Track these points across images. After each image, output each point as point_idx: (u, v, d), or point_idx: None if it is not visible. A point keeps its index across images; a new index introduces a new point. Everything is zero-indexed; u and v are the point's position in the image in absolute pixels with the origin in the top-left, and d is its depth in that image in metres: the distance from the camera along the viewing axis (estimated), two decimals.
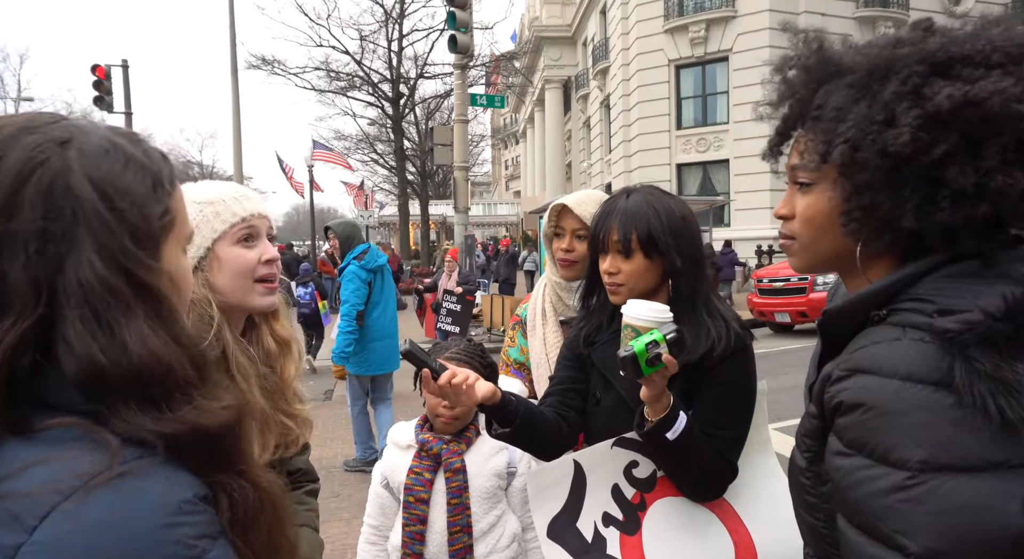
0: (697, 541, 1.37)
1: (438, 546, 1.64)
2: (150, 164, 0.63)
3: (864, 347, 0.78)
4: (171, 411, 0.56)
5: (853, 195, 0.81)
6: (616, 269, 1.39)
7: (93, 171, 0.58)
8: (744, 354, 1.36)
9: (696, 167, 20.16)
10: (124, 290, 0.56)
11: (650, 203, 1.39)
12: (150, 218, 0.61)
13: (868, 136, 0.78)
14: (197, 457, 0.57)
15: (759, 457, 1.45)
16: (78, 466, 0.51)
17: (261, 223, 1.24)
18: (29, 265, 0.53)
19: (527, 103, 35.56)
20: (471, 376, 1.25)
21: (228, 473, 0.59)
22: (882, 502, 0.71)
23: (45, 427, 0.53)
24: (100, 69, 14.59)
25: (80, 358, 0.53)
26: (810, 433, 0.84)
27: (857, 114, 0.79)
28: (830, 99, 0.83)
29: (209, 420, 0.58)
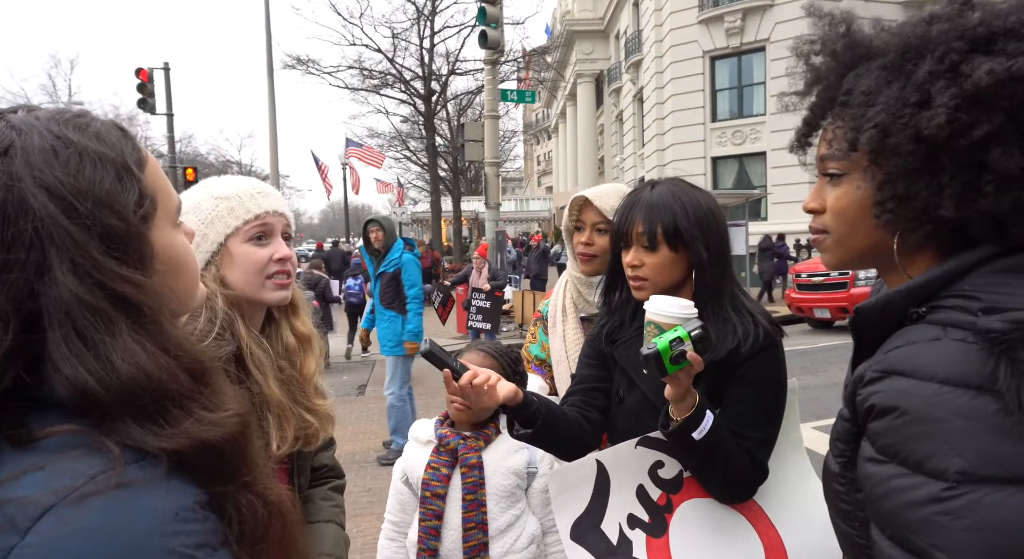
0: (726, 544, 1.32)
1: (453, 542, 1.63)
2: (107, 151, 0.57)
3: (900, 347, 0.73)
4: (170, 426, 0.54)
5: (886, 184, 0.76)
6: (640, 262, 1.35)
7: (46, 178, 0.52)
8: (773, 351, 1.31)
9: (732, 160, 19.76)
10: (103, 306, 0.53)
11: (676, 195, 1.35)
12: (123, 214, 0.56)
13: (900, 120, 0.72)
14: (202, 470, 0.55)
15: (791, 457, 1.39)
16: (75, 469, 0.49)
17: (276, 221, 1.23)
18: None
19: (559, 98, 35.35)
20: (492, 377, 1.23)
21: (234, 484, 0.57)
22: (917, 514, 0.66)
23: (46, 435, 0.51)
24: (143, 72, 15.04)
25: (69, 380, 0.51)
26: (843, 437, 0.79)
27: (888, 97, 0.74)
28: (859, 83, 0.78)
29: (212, 434, 0.55)
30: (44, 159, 0.53)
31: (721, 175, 19.79)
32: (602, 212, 1.71)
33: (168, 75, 16.39)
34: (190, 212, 1.19)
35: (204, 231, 1.18)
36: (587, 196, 1.75)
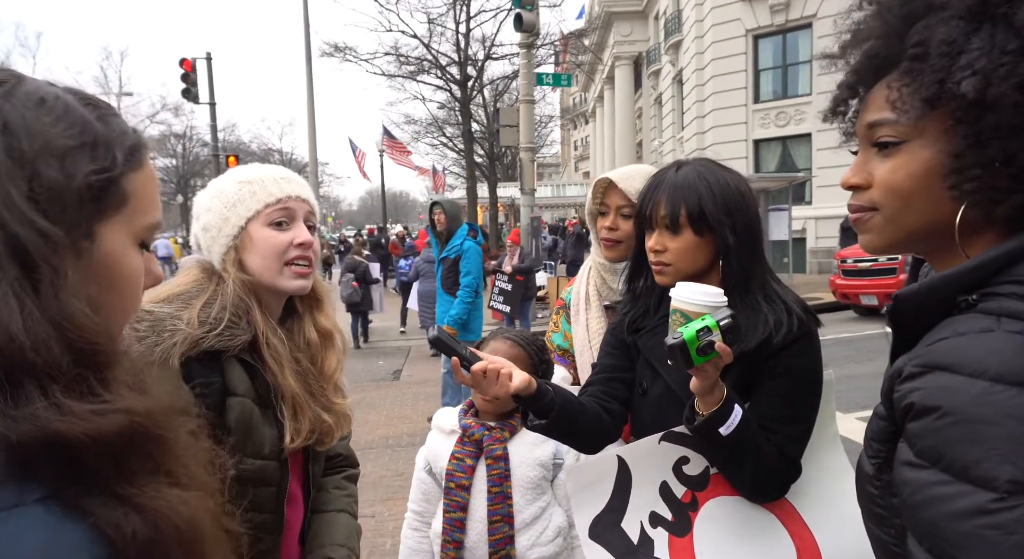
0: (755, 545, 1.25)
1: (478, 535, 1.60)
2: (99, 128, 0.55)
3: (945, 339, 0.65)
4: (17, 407, 0.45)
5: (973, 146, 0.66)
6: (662, 247, 1.28)
7: (11, 115, 0.50)
8: (808, 341, 1.22)
9: (775, 142, 19.15)
10: None
11: (702, 175, 1.26)
12: (67, 171, 0.52)
13: (1002, 67, 0.62)
14: (54, 471, 0.46)
15: (826, 454, 1.31)
16: None
17: (298, 206, 1.21)
18: None
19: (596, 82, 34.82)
20: (504, 366, 1.18)
21: (101, 500, 0.47)
22: (961, 527, 0.58)
23: None
24: (187, 62, 15.39)
25: None
26: (878, 436, 0.72)
27: (981, 43, 0.64)
28: (933, 34, 0.68)
29: (69, 427, 0.46)
30: (22, 102, 0.52)
31: (763, 158, 19.22)
32: (627, 195, 1.64)
33: (210, 65, 16.71)
34: (214, 197, 1.19)
35: (226, 215, 1.17)
36: (611, 178, 1.67)
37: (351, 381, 1.56)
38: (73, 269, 0.50)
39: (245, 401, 1.12)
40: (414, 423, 5.87)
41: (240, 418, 1.11)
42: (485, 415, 1.69)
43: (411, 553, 1.73)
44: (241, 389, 1.13)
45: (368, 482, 4.44)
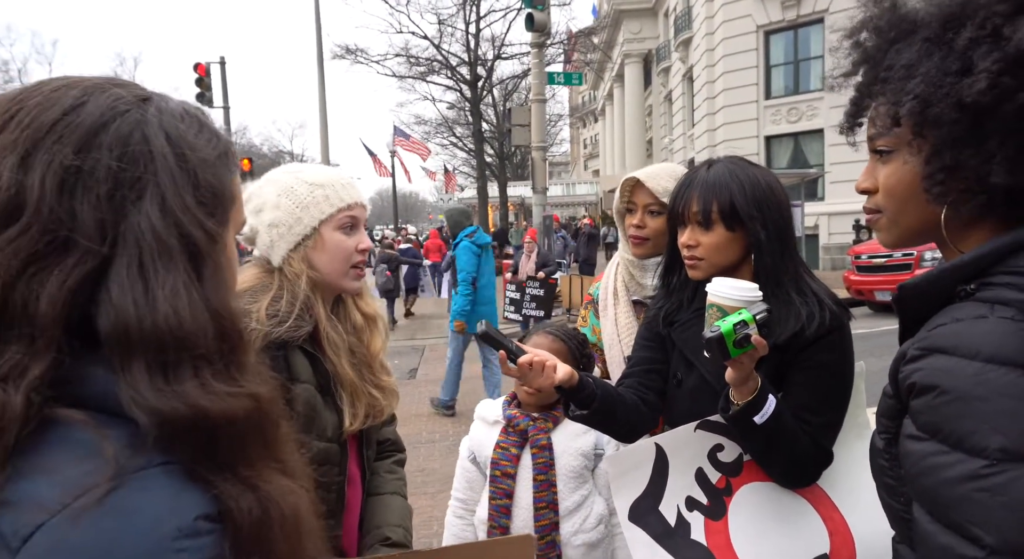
0: (788, 528, 1.31)
1: (524, 521, 1.66)
2: (221, 137, 0.64)
3: (944, 325, 0.72)
4: (173, 383, 0.51)
5: (932, 156, 0.75)
6: (695, 242, 1.33)
7: (170, 128, 0.57)
8: (840, 334, 1.27)
9: (787, 139, 19.06)
10: (172, 244, 0.54)
11: (733, 173, 1.32)
12: (220, 177, 0.60)
13: (941, 89, 0.71)
14: (192, 449, 0.51)
15: (856, 442, 1.36)
16: (70, 480, 0.47)
17: (361, 213, 1.31)
18: (99, 206, 0.52)
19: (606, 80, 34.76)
20: (549, 359, 1.24)
21: (225, 475, 0.52)
22: (956, 490, 0.66)
23: (57, 416, 0.50)
24: (201, 67, 15.53)
25: (114, 307, 0.51)
26: (887, 413, 0.79)
27: (928, 68, 0.73)
28: (899, 58, 0.77)
29: (212, 404, 0.52)
30: (172, 115, 0.59)
31: (775, 154, 19.13)
32: (654, 193, 1.69)
33: (224, 69, 16.88)
34: (283, 195, 1.25)
35: (298, 214, 1.24)
36: (639, 177, 1.73)
37: None
38: (225, 263, 0.58)
39: (309, 387, 1.20)
40: (431, 420, 5.95)
41: (306, 404, 1.19)
42: (528, 407, 1.75)
43: (455, 540, 1.79)
44: (304, 376, 1.21)
45: None
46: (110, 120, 0.55)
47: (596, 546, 1.66)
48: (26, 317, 0.50)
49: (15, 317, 0.50)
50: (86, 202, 0.52)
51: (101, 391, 0.51)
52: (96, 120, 0.54)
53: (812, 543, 1.29)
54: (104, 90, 0.56)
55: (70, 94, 0.55)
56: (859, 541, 1.29)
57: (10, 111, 0.54)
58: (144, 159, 0.55)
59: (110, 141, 0.54)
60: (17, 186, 0.51)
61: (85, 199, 0.52)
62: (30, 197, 0.51)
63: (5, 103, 0.55)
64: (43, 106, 0.54)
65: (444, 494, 1.95)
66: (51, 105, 0.54)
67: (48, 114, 0.53)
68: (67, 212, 0.51)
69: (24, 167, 0.51)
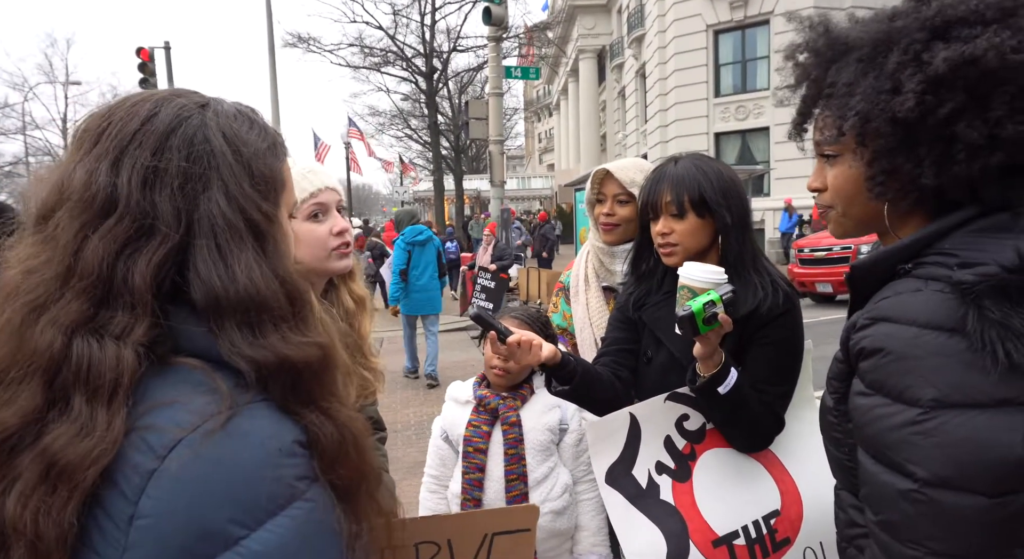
0: (745, 488, 1.46)
1: (495, 492, 1.76)
2: (270, 130, 0.75)
3: (887, 298, 0.84)
4: (261, 337, 0.63)
5: (873, 162, 0.88)
6: (670, 229, 1.46)
7: (225, 128, 0.68)
8: (792, 314, 1.43)
9: (735, 136, 19.69)
10: (240, 226, 0.65)
11: (699, 167, 1.46)
12: (271, 166, 0.70)
13: (877, 106, 0.84)
14: (282, 388, 0.63)
15: (805, 412, 1.52)
16: (197, 408, 0.58)
17: (330, 197, 1.34)
18: (174, 197, 0.63)
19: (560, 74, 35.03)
20: (535, 338, 1.35)
21: (309, 408, 0.64)
22: (895, 435, 0.78)
23: (175, 364, 0.62)
24: (144, 51, 14.89)
25: (203, 282, 0.62)
26: (837, 376, 0.92)
27: (865, 87, 0.86)
28: (840, 76, 0.90)
29: (293, 352, 0.64)
30: (227, 116, 0.70)
31: (724, 151, 19.71)
32: (623, 184, 1.81)
33: (169, 54, 16.28)
34: None
35: None
36: (608, 169, 1.85)
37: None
38: (282, 237, 0.70)
39: None
40: (406, 412, 6.00)
41: None
42: (497, 387, 1.86)
43: (430, 512, 1.89)
44: None
45: None
46: (177, 126, 0.66)
47: (562, 513, 1.78)
48: (127, 289, 0.62)
49: (120, 290, 0.62)
50: (164, 195, 0.63)
51: (205, 347, 0.63)
52: (167, 127, 0.66)
53: (765, 501, 1.45)
54: (171, 101, 0.68)
55: (145, 107, 0.67)
56: (805, 498, 1.46)
57: (101, 126, 0.66)
58: (207, 156, 0.66)
59: (178, 143, 0.65)
60: (111, 186, 0.63)
61: (163, 192, 0.63)
62: (121, 194, 0.63)
63: (98, 120, 0.67)
64: (125, 120, 0.66)
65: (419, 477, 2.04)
66: (132, 118, 0.66)
67: (130, 125, 0.65)
68: (150, 204, 0.63)
69: (115, 170, 0.64)
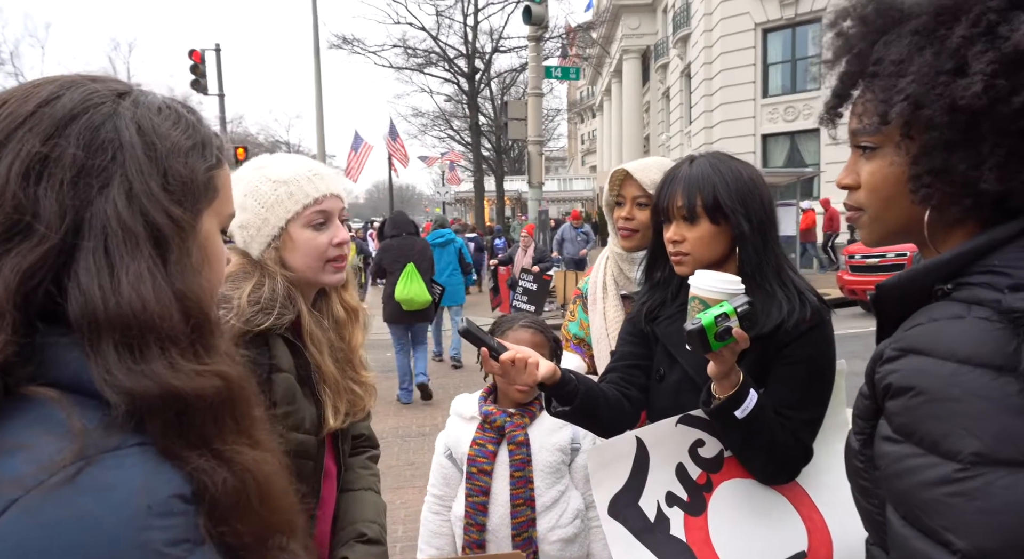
0: (767, 525, 1.30)
1: (500, 518, 1.65)
2: (201, 128, 0.65)
3: (920, 325, 0.70)
4: (144, 362, 0.53)
5: (921, 158, 0.72)
6: (681, 237, 1.32)
7: (142, 120, 0.59)
8: (821, 329, 1.27)
9: (783, 137, 19.10)
10: (137, 231, 0.55)
11: (715, 167, 1.31)
12: (190, 166, 0.61)
13: (933, 90, 0.68)
14: (163, 426, 0.53)
15: (836, 440, 1.35)
16: (44, 456, 0.48)
17: (334, 204, 1.25)
18: (61, 192, 0.54)
19: (604, 75, 34.69)
20: (532, 356, 1.22)
21: (198, 451, 0.54)
22: (929, 494, 0.64)
23: (31, 394, 0.52)
24: (196, 53, 15.41)
25: (82, 293, 0.53)
26: (863, 414, 0.78)
27: (920, 65, 0.70)
28: (889, 51, 0.74)
29: (182, 382, 0.54)
30: (148, 109, 0.61)
31: (771, 153, 19.17)
32: (643, 186, 1.68)
33: (219, 56, 16.76)
34: (249, 195, 1.22)
35: (265, 215, 1.20)
36: (627, 169, 1.71)
37: None
38: (194, 249, 0.60)
39: (289, 377, 1.19)
40: (422, 413, 5.95)
41: (285, 392, 1.17)
42: (505, 402, 1.74)
43: (432, 536, 1.78)
44: (285, 365, 1.19)
45: None
46: (81, 112, 0.57)
47: (572, 541, 1.65)
48: None
49: None
50: (49, 188, 0.54)
51: (75, 372, 0.53)
52: (68, 112, 0.56)
53: (790, 541, 1.29)
54: (80, 85, 0.59)
55: (47, 89, 0.58)
56: (837, 540, 1.29)
57: None
58: (112, 148, 0.56)
59: (79, 131, 0.56)
60: None
61: (48, 185, 0.54)
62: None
63: None
64: (20, 101, 0.57)
65: None
66: (28, 99, 0.57)
67: (24, 107, 0.56)
68: (30, 198, 0.53)
69: None
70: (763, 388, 1.25)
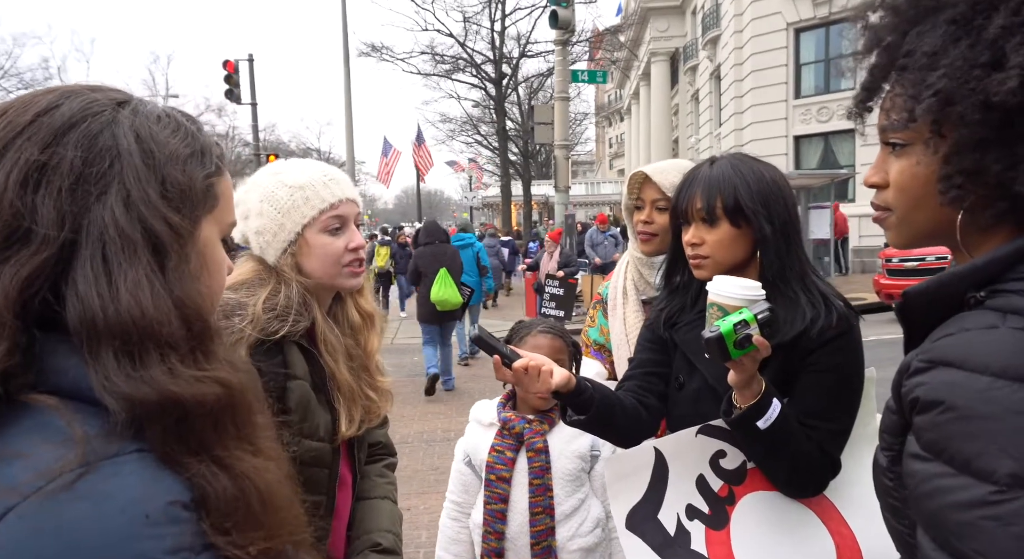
0: (793, 540, 1.25)
1: (519, 526, 1.62)
2: (200, 137, 0.65)
3: (950, 335, 0.66)
4: (143, 369, 0.53)
5: (951, 157, 0.68)
6: (700, 240, 1.28)
7: (141, 128, 0.59)
8: (848, 336, 1.21)
9: (816, 139, 18.69)
10: (135, 238, 0.55)
11: (736, 168, 1.27)
12: (189, 174, 0.61)
13: (966, 85, 0.64)
14: (163, 433, 0.53)
15: (866, 452, 1.29)
16: (43, 463, 0.48)
17: (349, 209, 1.25)
18: (60, 200, 0.54)
19: (632, 78, 34.47)
20: (546, 363, 1.20)
21: (199, 458, 0.54)
22: (962, 517, 0.60)
23: (31, 402, 0.52)
24: (230, 64, 15.79)
25: (80, 300, 0.53)
26: (890, 429, 0.73)
27: (953, 58, 0.65)
28: (921, 42, 0.69)
29: (182, 389, 0.54)
30: (147, 117, 0.61)
31: (804, 155, 18.78)
32: (662, 189, 1.64)
33: (252, 66, 17.13)
34: (265, 200, 1.22)
35: (281, 220, 1.21)
36: (647, 172, 1.68)
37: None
38: (193, 256, 0.60)
39: (303, 384, 1.18)
40: (448, 418, 5.95)
41: (300, 400, 1.17)
42: (524, 408, 1.71)
43: (450, 543, 1.76)
44: (300, 372, 1.18)
45: (403, 476, 4.50)
46: (80, 120, 0.57)
47: (592, 551, 1.62)
48: None
49: None
50: (47, 196, 0.54)
51: (75, 380, 0.53)
52: (66, 120, 0.57)
53: (818, 557, 1.24)
54: (80, 95, 0.59)
55: (46, 99, 0.58)
56: (867, 555, 1.23)
57: None
58: (110, 155, 0.57)
59: (77, 139, 0.56)
60: None
61: (46, 193, 0.54)
62: None
63: None
64: (19, 111, 0.57)
65: None
66: (27, 109, 0.57)
67: (23, 117, 0.57)
68: (28, 206, 0.53)
69: None
70: (787, 398, 1.20)
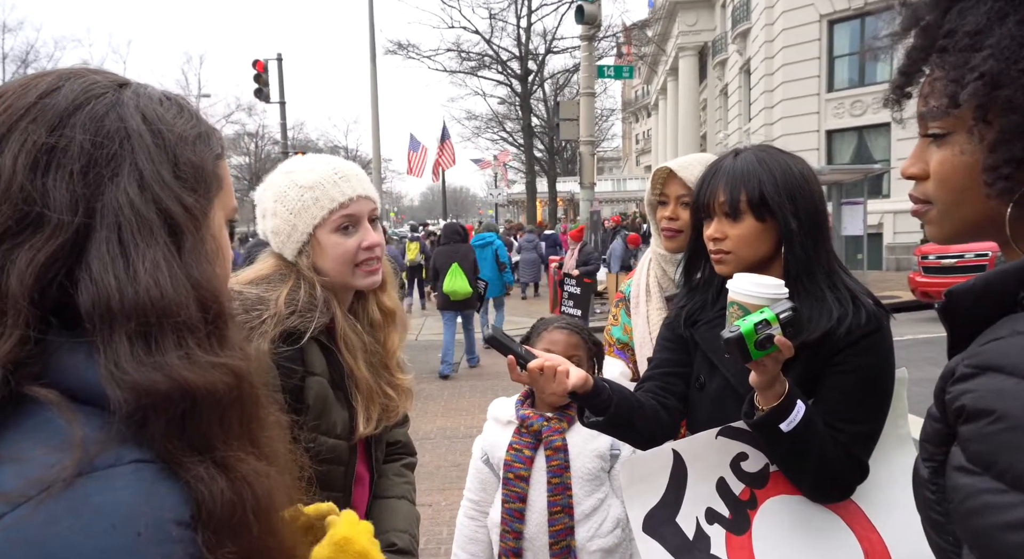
0: (818, 547, 1.21)
1: (537, 525, 1.60)
2: (202, 120, 0.64)
3: (1001, 338, 0.60)
4: (159, 353, 0.51)
5: (999, 145, 0.63)
6: (722, 234, 1.24)
7: (146, 109, 0.58)
8: (878, 336, 1.16)
9: (850, 133, 18.23)
10: (151, 218, 0.54)
11: (762, 161, 1.22)
12: (200, 154, 0.60)
13: (1015, 65, 0.59)
14: (165, 427, 0.51)
15: (896, 455, 1.25)
16: (35, 470, 0.46)
17: (362, 207, 1.23)
18: (72, 183, 0.53)
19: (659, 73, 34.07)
20: (562, 363, 1.17)
21: (200, 457, 0.52)
22: (1013, 539, 0.55)
23: (33, 396, 0.50)
24: (259, 63, 16.04)
25: (95, 283, 0.51)
26: (932, 438, 0.68)
27: (1000, 37, 0.60)
28: (964, 20, 0.64)
29: (195, 376, 0.52)
30: (150, 99, 0.60)
31: (837, 149, 18.34)
32: (687, 184, 1.60)
33: (281, 65, 17.36)
34: (278, 201, 1.22)
35: (293, 221, 1.20)
36: (671, 167, 1.64)
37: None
38: (208, 238, 0.59)
39: (322, 381, 1.18)
40: (471, 415, 5.95)
41: (317, 397, 1.16)
42: (543, 406, 1.69)
43: (467, 541, 1.75)
44: (318, 369, 1.18)
45: (425, 472, 4.53)
46: (84, 102, 0.56)
47: (613, 551, 1.59)
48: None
49: None
50: (59, 179, 0.53)
51: (80, 373, 0.52)
52: (70, 102, 0.55)
53: None
54: (80, 76, 0.58)
55: (46, 80, 0.57)
56: None
57: None
58: (119, 136, 0.56)
59: (84, 120, 0.55)
60: None
61: (58, 176, 0.53)
62: (2, 176, 0.52)
63: None
64: (19, 93, 0.55)
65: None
66: (27, 91, 0.56)
67: (24, 99, 0.55)
68: (39, 190, 0.52)
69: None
70: (812, 399, 1.16)
